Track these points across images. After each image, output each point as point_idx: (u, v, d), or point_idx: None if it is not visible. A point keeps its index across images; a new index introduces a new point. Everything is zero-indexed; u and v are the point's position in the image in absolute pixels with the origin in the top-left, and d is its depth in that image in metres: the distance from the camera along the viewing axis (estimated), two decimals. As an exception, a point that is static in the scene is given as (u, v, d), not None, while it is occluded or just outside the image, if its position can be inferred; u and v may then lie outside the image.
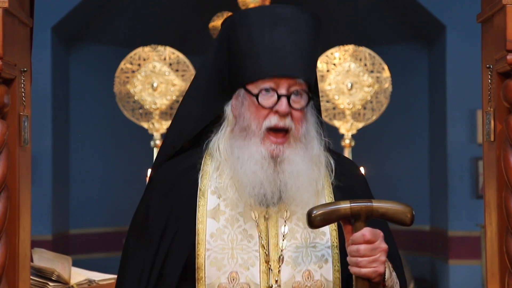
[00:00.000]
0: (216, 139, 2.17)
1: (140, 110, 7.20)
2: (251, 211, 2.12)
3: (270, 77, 2.07)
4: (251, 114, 2.09)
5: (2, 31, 2.10)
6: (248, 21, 2.12)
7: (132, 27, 8.76)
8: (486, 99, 2.28)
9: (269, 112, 2.08)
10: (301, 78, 2.08)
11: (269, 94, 2.08)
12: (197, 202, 2.13)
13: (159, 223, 2.14)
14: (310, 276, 2.10)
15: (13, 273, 2.18)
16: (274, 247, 2.11)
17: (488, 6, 2.29)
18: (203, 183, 2.15)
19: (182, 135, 2.24)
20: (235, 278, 2.09)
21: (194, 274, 2.09)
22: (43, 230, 7.75)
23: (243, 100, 2.11)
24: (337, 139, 7.09)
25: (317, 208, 2.01)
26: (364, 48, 7.16)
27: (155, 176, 2.24)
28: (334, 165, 2.19)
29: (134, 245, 2.18)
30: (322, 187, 2.16)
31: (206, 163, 2.18)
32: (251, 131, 2.09)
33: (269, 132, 2.08)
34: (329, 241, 2.13)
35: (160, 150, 2.28)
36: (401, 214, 2.02)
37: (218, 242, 2.10)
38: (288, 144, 2.09)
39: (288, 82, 2.07)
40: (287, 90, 2.07)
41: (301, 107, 2.09)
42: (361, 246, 1.99)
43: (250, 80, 2.09)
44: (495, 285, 2.24)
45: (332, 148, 2.26)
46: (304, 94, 2.09)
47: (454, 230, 8.08)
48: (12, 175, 2.15)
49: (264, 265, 2.09)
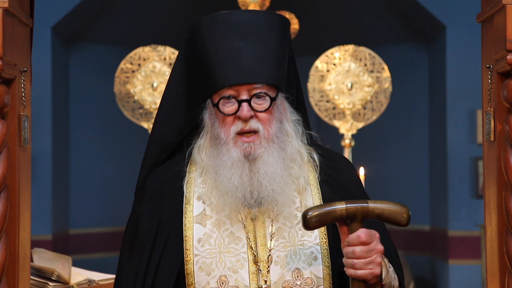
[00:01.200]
0: (197, 146, 2.18)
1: (140, 110, 7.20)
2: (237, 213, 2.12)
3: (228, 86, 2.08)
4: (219, 122, 2.12)
5: (2, 31, 2.09)
6: (201, 32, 2.14)
7: (132, 27, 8.76)
8: (486, 99, 2.28)
9: (234, 118, 2.10)
10: (259, 83, 2.09)
11: (230, 102, 2.10)
12: (184, 208, 2.14)
13: (151, 231, 2.15)
14: (300, 274, 2.10)
15: (13, 273, 2.17)
16: (262, 248, 2.11)
17: (488, 6, 2.29)
18: (188, 190, 2.17)
19: (164, 148, 2.25)
20: (225, 281, 2.09)
21: (185, 280, 2.10)
22: (43, 230, 7.75)
23: (211, 109, 2.14)
24: (337, 139, 7.09)
25: (312, 209, 2.01)
26: (364, 48, 7.16)
27: (144, 185, 2.25)
28: (318, 159, 2.19)
29: (127, 255, 2.20)
30: (306, 183, 2.16)
31: (191, 169, 2.20)
32: (221, 139, 2.11)
33: (240, 135, 2.10)
34: (317, 237, 2.13)
35: (144, 161, 2.28)
36: (397, 215, 2.02)
37: (206, 246, 2.10)
38: (259, 143, 2.09)
39: (248, 87, 2.08)
40: (248, 95, 2.09)
41: (264, 109, 2.10)
42: (356, 248, 1.98)
43: (212, 91, 2.11)
44: (495, 285, 2.24)
45: (318, 142, 2.26)
46: (268, 96, 2.10)
47: (454, 230, 8.07)
48: (12, 175, 2.15)
49: (253, 266, 2.10)
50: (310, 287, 2.10)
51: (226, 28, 2.10)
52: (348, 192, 2.20)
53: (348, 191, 2.20)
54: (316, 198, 2.16)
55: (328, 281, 2.11)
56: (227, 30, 2.10)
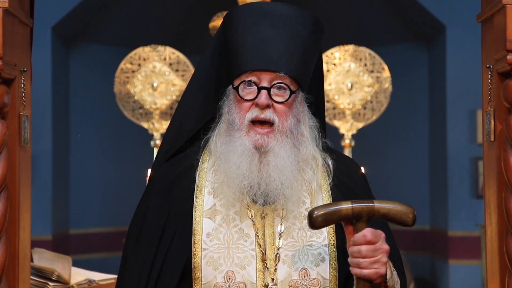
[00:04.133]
0: (213, 135, 2.18)
1: (140, 110, 7.20)
2: (248, 210, 2.12)
3: (250, 70, 2.09)
4: (235, 108, 2.12)
5: (2, 31, 2.10)
6: (236, 18, 2.16)
7: (132, 27, 8.76)
8: (486, 99, 2.28)
9: (251, 105, 2.10)
10: (283, 72, 2.09)
11: (251, 88, 2.10)
12: (194, 201, 2.13)
13: (158, 224, 2.15)
14: (307, 274, 2.10)
15: (13, 273, 2.18)
16: (270, 246, 2.11)
17: (488, 6, 2.29)
18: (200, 179, 2.16)
19: (181, 134, 2.25)
20: (231, 277, 2.09)
21: (191, 274, 2.10)
22: (43, 230, 7.75)
23: (230, 95, 2.14)
24: (337, 139, 7.09)
25: (318, 208, 2.00)
26: (364, 48, 7.16)
27: (154, 177, 2.25)
28: (332, 165, 2.19)
29: (134, 246, 2.19)
30: (319, 187, 2.16)
31: (204, 160, 2.19)
32: (236, 125, 2.11)
33: (255, 124, 2.10)
34: (326, 239, 2.13)
35: (159, 149, 2.29)
36: (403, 215, 2.01)
37: (214, 241, 2.10)
38: (273, 136, 2.09)
39: (271, 76, 2.09)
40: (269, 83, 2.09)
41: (283, 100, 2.10)
42: (362, 247, 1.98)
43: (234, 75, 2.12)
44: (495, 285, 2.24)
45: (332, 147, 2.26)
46: (288, 89, 2.10)
47: (454, 230, 8.08)
48: (12, 175, 2.15)
49: (261, 263, 2.10)
50: None
51: (258, 17, 2.12)
52: (357, 197, 2.19)
53: (358, 195, 2.20)
54: (327, 201, 2.16)
55: (335, 283, 2.11)
56: (259, 19, 2.12)
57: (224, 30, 2.19)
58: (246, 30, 2.11)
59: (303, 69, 2.14)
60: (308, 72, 2.17)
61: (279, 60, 2.09)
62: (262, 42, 2.09)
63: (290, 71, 2.10)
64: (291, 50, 2.10)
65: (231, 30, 2.15)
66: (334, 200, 2.16)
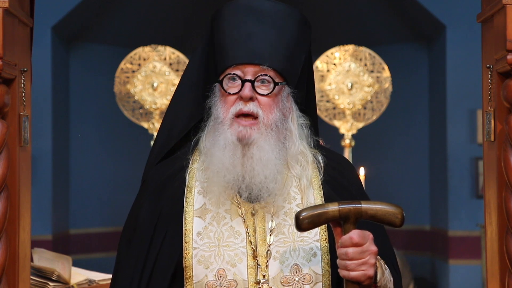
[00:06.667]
0: (203, 135, 2.18)
1: (140, 110, 7.21)
2: (238, 207, 2.13)
3: (235, 64, 2.10)
4: (220, 103, 2.12)
5: (2, 31, 2.10)
6: (223, 15, 2.16)
7: (132, 27, 8.76)
8: (486, 99, 2.28)
9: (236, 98, 2.10)
10: (266, 64, 2.09)
11: (235, 82, 2.11)
12: (185, 202, 2.14)
13: (150, 225, 2.15)
14: (298, 270, 2.10)
15: (13, 273, 2.18)
16: (261, 243, 2.11)
17: (488, 6, 2.29)
18: (190, 179, 2.17)
19: (172, 135, 2.25)
20: (223, 275, 2.09)
21: (183, 273, 2.10)
22: (43, 230, 7.75)
23: (216, 91, 2.15)
24: (337, 139, 7.08)
25: (305, 210, 1.99)
26: (364, 48, 7.16)
27: (146, 179, 2.25)
28: (323, 161, 2.19)
29: (126, 247, 2.20)
30: (309, 183, 2.16)
31: (195, 160, 2.20)
32: (220, 120, 2.11)
33: (239, 117, 2.10)
34: (317, 234, 2.12)
35: (151, 151, 2.29)
36: (391, 216, 1.99)
37: (205, 240, 2.11)
38: (257, 129, 2.09)
39: (254, 69, 2.09)
40: (253, 76, 2.10)
41: (267, 92, 2.10)
42: (349, 249, 1.97)
43: (220, 70, 2.13)
44: (495, 285, 2.24)
45: (324, 145, 2.26)
46: (272, 82, 2.10)
47: (454, 230, 8.08)
48: (12, 175, 2.15)
49: (252, 260, 2.10)
50: (308, 283, 2.10)
51: (245, 13, 2.13)
52: (349, 193, 2.20)
53: (349, 191, 2.20)
54: (318, 196, 2.16)
55: (327, 278, 2.11)
56: (245, 15, 2.13)
57: (212, 28, 2.19)
58: (233, 26, 2.12)
59: (288, 63, 2.13)
60: (295, 68, 2.16)
61: (263, 54, 2.09)
62: (248, 37, 2.10)
63: (273, 63, 2.10)
64: (276, 44, 2.11)
65: (218, 27, 2.16)
66: (325, 195, 2.16)
